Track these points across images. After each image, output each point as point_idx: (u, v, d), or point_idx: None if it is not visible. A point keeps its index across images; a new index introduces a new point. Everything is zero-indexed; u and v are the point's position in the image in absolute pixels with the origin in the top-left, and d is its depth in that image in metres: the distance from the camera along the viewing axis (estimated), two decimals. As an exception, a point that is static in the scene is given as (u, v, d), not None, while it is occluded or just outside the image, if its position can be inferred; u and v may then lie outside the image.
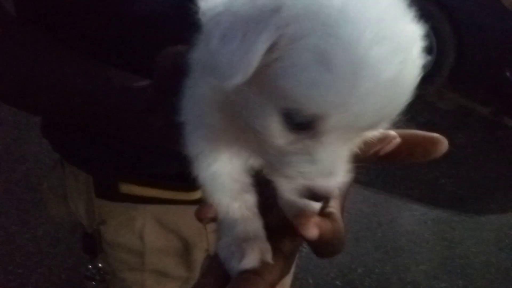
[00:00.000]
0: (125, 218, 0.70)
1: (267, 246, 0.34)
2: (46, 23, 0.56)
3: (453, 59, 3.16)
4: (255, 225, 0.34)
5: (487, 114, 3.30)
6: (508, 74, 2.98)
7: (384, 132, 0.34)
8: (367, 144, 0.33)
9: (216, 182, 0.34)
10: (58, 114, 0.55)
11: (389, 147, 0.34)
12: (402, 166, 2.62)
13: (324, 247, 0.34)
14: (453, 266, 2.12)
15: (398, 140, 0.35)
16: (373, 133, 0.32)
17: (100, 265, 0.75)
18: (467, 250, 2.22)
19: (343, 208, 0.37)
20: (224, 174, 0.34)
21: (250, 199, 0.35)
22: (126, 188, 0.67)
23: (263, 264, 0.33)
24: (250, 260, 0.32)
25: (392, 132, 0.35)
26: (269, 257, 0.33)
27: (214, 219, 0.35)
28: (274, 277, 0.33)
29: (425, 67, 0.35)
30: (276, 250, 0.34)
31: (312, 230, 0.31)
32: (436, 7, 3.09)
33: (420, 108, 3.09)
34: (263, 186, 0.35)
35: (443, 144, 0.34)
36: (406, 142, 0.35)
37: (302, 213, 0.32)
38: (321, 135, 0.28)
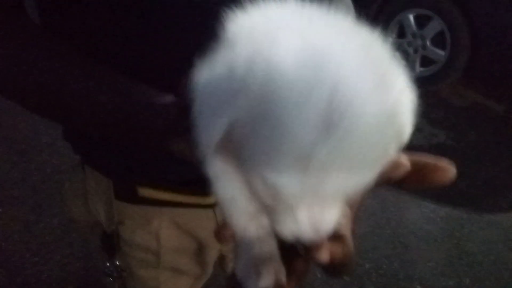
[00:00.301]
0: (142, 219, 0.72)
1: (281, 268, 0.36)
2: (65, 21, 0.57)
3: (467, 55, 3.13)
4: (270, 245, 0.37)
5: (501, 112, 3.26)
6: (523, 71, 2.95)
7: (396, 158, 0.35)
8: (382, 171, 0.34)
9: (233, 204, 0.36)
10: (79, 127, 0.56)
11: (400, 173, 0.36)
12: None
13: (334, 269, 0.36)
14: (461, 263, 2.13)
15: (407, 168, 0.36)
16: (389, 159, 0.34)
17: (117, 262, 0.78)
18: (475, 248, 2.22)
19: (353, 227, 0.39)
20: (241, 196, 0.35)
21: (265, 220, 0.37)
22: (144, 191, 0.70)
23: (277, 283, 0.35)
24: (266, 281, 0.35)
25: (403, 159, 0.36)
26: (283, 278, 0.35)
27: (232, 239, 0.37)
28: None
29: (439, 63, 0.35)
30: (289, 269, 0.36)
31: (324, 255, 0.33)
32: (450, 3, 3.05)
33: (434, 104, 3.07)
34: None
35: (452, 173, 0.35)
36: (416, 169, 0.36)
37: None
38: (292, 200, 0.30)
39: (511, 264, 2.16)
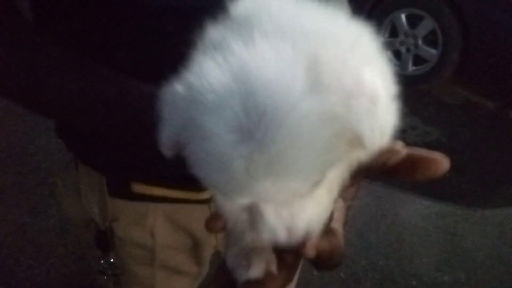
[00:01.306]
0: (136, 215, 0.72)
1: (272, 258, 0.36)
2: (57, 19, 0.58)
3: (459, 54, 3.15)
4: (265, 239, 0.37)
5: (493, 109, 3.29)
6: (514, 68, 2.97)
7: (391, 143, 0.35)
8: (375, 156, 0.34)
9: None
10: (76, 123, 0.57)
11: (396, 158, 0.36)
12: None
13: (321, 264, 0.36)
14: (457, 259, 2.14)
15: (404, 151, 0.36)
16: (381, 145, 0.34)
17: (112, 260, 0.77)
18: (470, 243, 2.23)
19: (346, 220, 0.39)
20: None
21: None
22: (138, 187, 0.70)
23: (268, 274, 0.35)
24: (256, 270, 0.35)
25: (399, 146, 0.36)
26: (273, 268, 0.35)
27: (223, 229, 0.37)
28: (277, 285, 0.35)
29: (431, 62, 0.34)
30: (280, 261, 0.36)
31: (310, 251, 0.33)
32: (442, 2, 3.07)
33: (426, 103, 3.09)
34: None
35: (445, 165, 0.35)
36: (410, 160, 0.36)
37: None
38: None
39: (506, 258, 2.18)
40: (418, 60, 3.29)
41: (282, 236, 0.31)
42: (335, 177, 0.33)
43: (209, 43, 0.31)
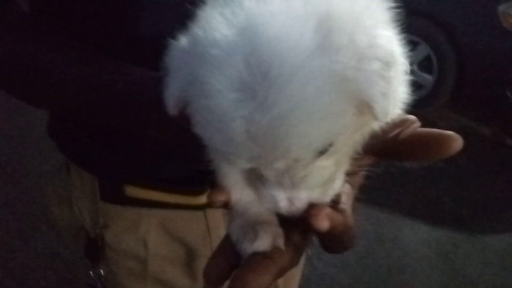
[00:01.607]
0: (129, 222, 0.69)
1: (279, 231, 0.34)
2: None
3: (454, 79, 3.19)
4: (268, 210, 0.34)
5: (489, 135, 3.30)
6: (509, 94, 3.00)
7: (404, 115, 0.34)
8: (388, 127, 0.33)
9: (228, 168, 0.34)
10: (76, 111, 0.55)
11: (409, 130, 0.34)
12: (413, 184, 2.62)
13: (333, 242, 0.34)
14: (457, 285, 2.10)
15: (417, 124, 0.35)
16: (393, 117, 0.32)
17: (101, 271, 0.74)
18: (471, 270, 2.19)
19: (354, 206, 0.37)
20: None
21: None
22: (132, 191, 0.67)
23: (274, 249, 0.33)
24: (263, 243, 0.32)
25: (411, 116, 0.35)
26: (281, 243, 0.33)
27: (226, 203, 0.34)
28: (284, 263, 0.33)
29: (426, 87, 0.35)
30: (286, 239, 0.34)
31: (323, 222, 0.31)
32: (436, 28, 3.13)
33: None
34: None
35: (458, 141, 0.34)
36: (422, 139, 0.35)
37: (314, 205, 0.32)
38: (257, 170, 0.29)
39: (506, 285, 2.13)
40: (414, 85, 3.32)
41: (283, 206, 0.29)
42: (344, 148, 0.31)
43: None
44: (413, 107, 0.35)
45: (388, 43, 0.28)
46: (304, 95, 0.25)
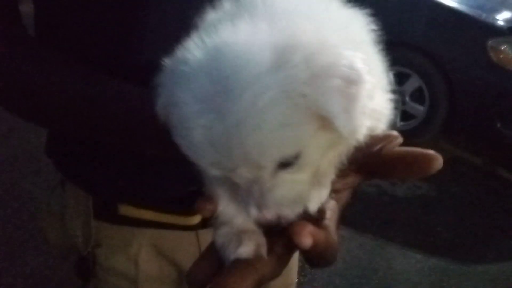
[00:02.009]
0: (121, 241, 0.69)
1: (263, 241, 0.35)
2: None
3: (445, 110, 3.24)
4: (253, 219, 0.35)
5: (480, 165, 3.33)
6: (499, 125, 3.05)
7: (387, 131, 0.35)
8: (371, 141, 0.34)
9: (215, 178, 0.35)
10: (76, 127, 0.57)
11: (392, 145, 0.36)
12: (406, 213, 2.61)
13: (316, 257, 0.35)
14: (450, 315, 2.07)
15: (400, 139, 0.36)
16: (376, 132, 0.33)
17: (91, 290, 0.73)
18: (464, 299, 2.17)
19: (339, 222, 0.38)
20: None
21: None
22: (125, 210, 0.67)
23: (257, 257, 0.33)
24: (246, 250, 0.33)
25: (394, 132, 0.36)
26: (264, 251, 0.34)
27: (212, 212, 0.35)
28: (265, 272, 0.33)
29: (418, 118, 0.37)
30: (269, 250, 0.34)
31: (306, 239, 0.32)
32: (428, 60, 3.20)
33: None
34: None
35: (438, 161, 0.35)
36: (404, 157, 0.36)
37: (297, 222, 0.33)
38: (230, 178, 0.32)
39: (500, 316, 2.11)
40: (406, 116, 3.37)
41: (251, 213, 0.31)
42: (321, 164, 0.32)
43: (206, 24, 0.33)
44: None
45: (352, 62, 0.28)
46: (257, 106, 0.27)
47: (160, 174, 0.65)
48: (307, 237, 0.32)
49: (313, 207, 0.34)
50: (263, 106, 0.27)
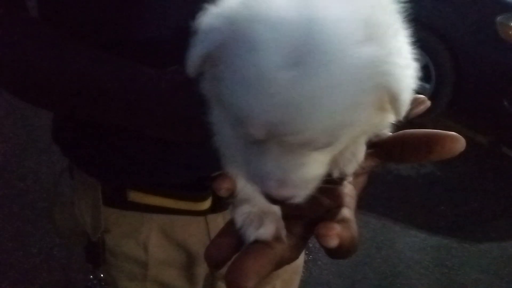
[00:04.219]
0: (130, 227, 0.69)
1: (282, 224, 0.34)
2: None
3: (451, 89, 3.20)
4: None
5: (486, 143, 3.32)
6: (506, 103, 3.02)
7: (415, 95, 0.35)
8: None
9: (234, 154, 0.34)
10: (90, 112, 0.56)
11: (421, 109, 0.36)
12: (410, 192, 2.62)
13: (339, 253, 0.34)
14: (453, 293, 2.10)
15: (429, 103, 0.36)
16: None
17: (102, 275, 0.74)
18: (466, 277, 2.19)
19: (356, 209, 0.38)
20: (239, 146, 0.33)
21: None
22: (134, 195, 0.67)
23: (276, 239, 0.33)
24: (267, 231, 0.33)
25: (422, 96, 0.36)
26: (283, 234, 0.34)
27: (230, 191, 0.35)
28: (283, 255, 0.33)
29: (424, 95, 0.37)
30: (288, 232, 0.34)
31: (333, 241, 0.32)
32: (434, 37, 3.15)
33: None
34: None
35: (461, 142, 0.35)
36: (426, 138, 0.36)
37: (324, 223, 0.32)
38: (263, 143, 0.29)
39: (503, 294, 2.14)
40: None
41: (271, 185, 0.30)
42: (342, 145, 0.32)
43: None
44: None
45: (408, 43, 0.31)
46: (342, 80, 0.26)
47: (169, 160, 0.64)
48: (334, 238, 0.32)
49: (350, 170, 0.34)
50: (349, 79, 0.26)
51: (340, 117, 0.27)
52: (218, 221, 0.72)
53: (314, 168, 0.31)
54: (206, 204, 0.69)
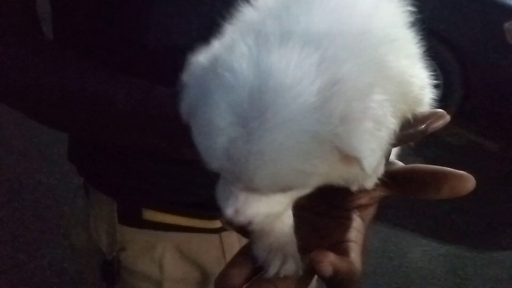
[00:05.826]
0: (145, 245, 0.69)
1: (299, 258, 0.35)
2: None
3: (460, 95, 3.20)
4: (289, 232, 0.36)
5: (496, 150, 3.29)
6: (515, 109, 3.00)
7: (433, 109, 0.35)
8: (417, 120, 0.34)
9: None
10: (103, 133, 0.56)
11: (440, 124, 0.35)
12: (420, 201, 2.60)
13: (335, 283, 0.34)
14: (466, 303, 2.07)
15: (448, 117, 0.35)
16: (422, 110, 0.33)
17: (117, 293, 0.73)
18: (479, 286, 2.17)
19: (365, 242, 0.37)
20: None
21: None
22: (149, 214, 0.67)
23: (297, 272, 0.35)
24: (289, 268, 0.34)
25: (441, 110, 0.35)
26: (301, 271, 0.35)
27: (246, 225, 0.34)
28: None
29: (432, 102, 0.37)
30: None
31: (326, 268, 0.32)
32: (442, 44, 3.15)
33: (429, 143, 3.09)
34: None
35: (471, 182, 0.35)
36: (435, 176, 0.35)
37: (319, 251, 0.33)
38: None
39: (517, 303, 2.11)
40: (420, 101, 3.33)
41: (228, 214, 0.31)
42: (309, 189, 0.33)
43: (247, 23, 0.32)
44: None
45: (382, 105, 0.29)
46: (287, 143, 0.28)
47: (183, 178, 0.65)
48: (327, 266, 0.32)
49: (369, 184, 0.35)
50: (293, 145, 0.28)
51: (284, 175, 0.29)
52: (232, 239, 0.72)
53: (270, 206, 0.32)
54: (219, 222, 0.68)
